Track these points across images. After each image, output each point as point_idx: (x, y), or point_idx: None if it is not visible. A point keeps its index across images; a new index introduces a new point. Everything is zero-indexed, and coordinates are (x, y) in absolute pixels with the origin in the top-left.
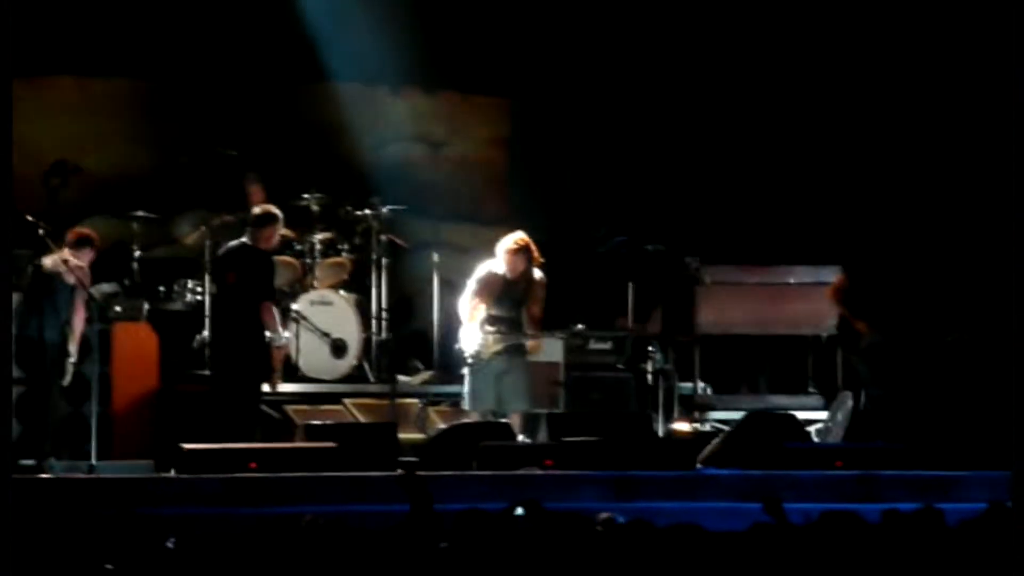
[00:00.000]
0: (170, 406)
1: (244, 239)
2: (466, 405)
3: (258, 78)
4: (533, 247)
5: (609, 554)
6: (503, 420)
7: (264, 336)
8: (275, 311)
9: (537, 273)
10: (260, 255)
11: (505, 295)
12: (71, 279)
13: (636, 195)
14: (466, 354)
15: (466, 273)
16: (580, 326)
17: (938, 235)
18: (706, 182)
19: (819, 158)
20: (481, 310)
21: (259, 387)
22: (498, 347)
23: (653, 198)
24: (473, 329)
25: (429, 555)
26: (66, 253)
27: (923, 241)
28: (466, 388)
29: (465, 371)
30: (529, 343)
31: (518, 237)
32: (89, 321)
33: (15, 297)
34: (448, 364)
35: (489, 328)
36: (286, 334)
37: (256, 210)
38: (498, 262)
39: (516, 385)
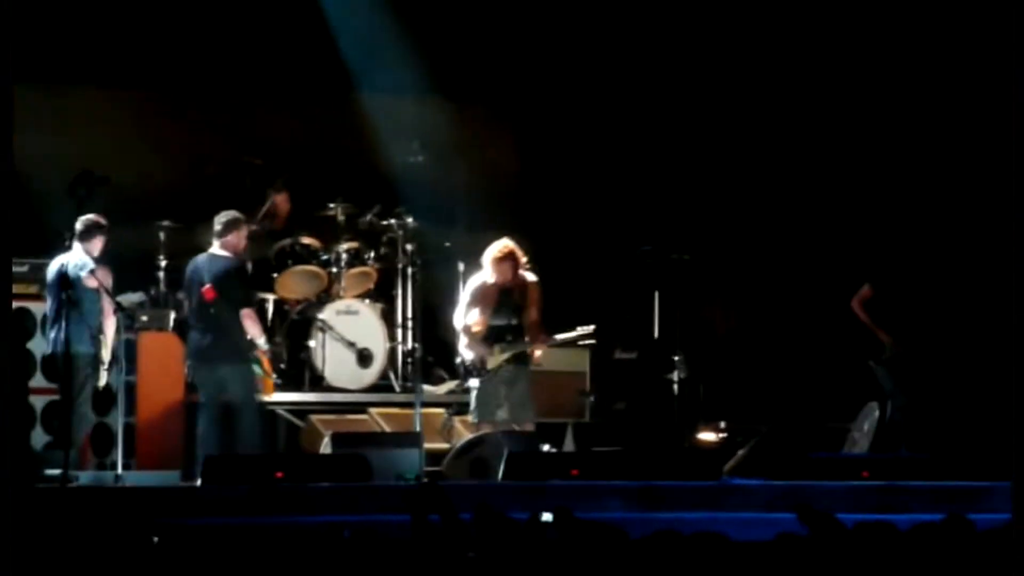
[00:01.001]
0: (196, 416)
1: (212, 250)
2: (473, 418)
3: (284, 88)
4: (519, 252)
5: (636, 563)
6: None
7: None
8: (256, 317)
9: (530, 277)
10: (231, 263)
11: (501, 304)
12: (93, 284)
13: (657, 204)
14: (469, 366)
15: None
16: (590, 327)
17: (962, 244)
18: (729, 192)
19: (844, 169)
20: (479, 322)
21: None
22: (504, 356)
23: (674, 207)
24: (474, 341)
25: (456, 564)
26: (77, 249)
27: (947, 251)
28: (473, 400)
29: (472, 383)
30: (535, 351)
31: (503, 244)
32: (117, 330)
33: (41, 307)
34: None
35: (492, 339)
36: (267, 345)
37: (220, 217)
38: (488, 272)
39: (524, 395)
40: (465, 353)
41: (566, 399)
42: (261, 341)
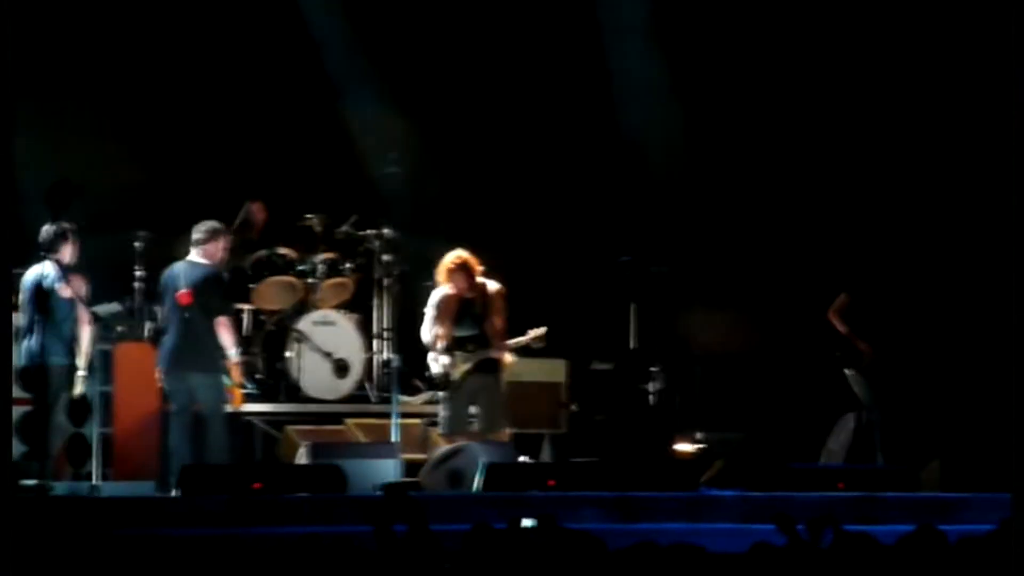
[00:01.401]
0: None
1: (190, 257)
2: (443, 430)
3: (263, 98)
4: (473, 262)
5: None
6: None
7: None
8: (231, 327)
9: (492, 285)
10: (209, 270)
11: (463, 314)
12: (67, 294)
13: (640, 216)
14: (436, 379)
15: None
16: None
17: (940, 253)
18: (710, 204)
19: (820, 178)
20: (443, 335)
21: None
22: (467, 366)
23: (656, 219)
24: (438, 353)
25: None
26: (47, 265)
27: (925, 260)
28: (442, 413)
29: (440, 395)
30: (502, 357)
31: (455, 255)
32: (92, 340)
33: (16, 317)
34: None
35: (455, 350)
36: (240, 356)
37: (200, 226)
38: (447, 283)
39: (494, 404)
40: (432, 366)
41: (543, 410)
42: (233, 352)
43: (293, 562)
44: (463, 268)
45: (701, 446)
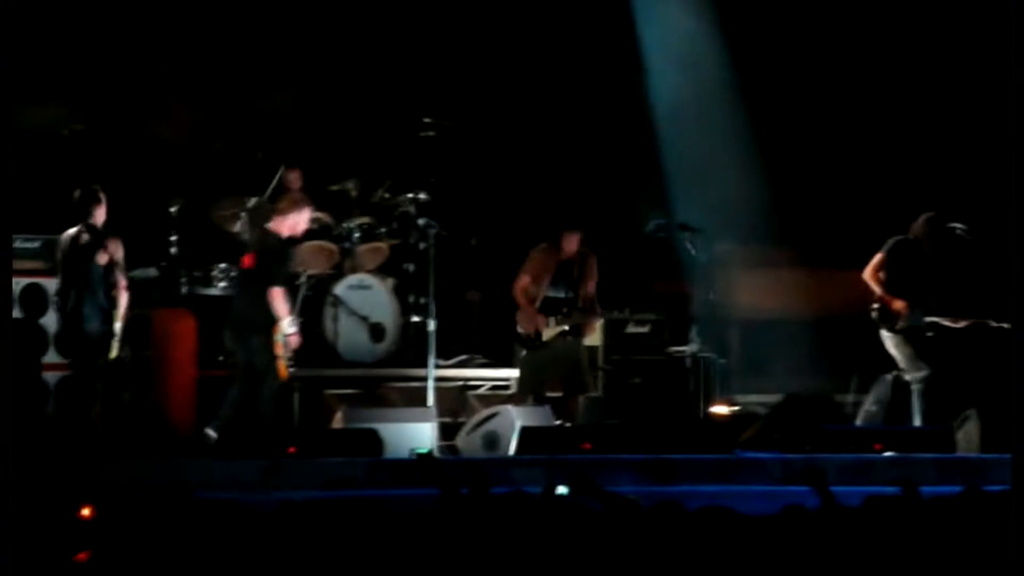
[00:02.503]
0: (208, 391)
1: (267, 224)
2: (517, 389)
3: (294, 64)
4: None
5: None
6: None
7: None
8: (284, 297)
9: (586, 249)
10: (275, 239)
11: (560, 276)
12: (103, 260)
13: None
14: (523, 337)
15: (506, 256)
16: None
17: (978, 215)
18: (746, 163)
19: (853, 136)
20: (537, 294)
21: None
22: (560, 328)
23: (687, 181)
24: (530, 312)
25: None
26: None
27: (962, 220)
28: (521, 371)
29: (523, 353)
30: (590, 324)
31: (571, 227)
32: (129, 305)
33: (53, 282)
34: (488, 348)
35: (545, 311)
36: (291, 328)
37: (286, 196)
38: (555, 242)
39: (577, 367)
40: (521, 323)
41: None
42: (285, 323)
43: (329, 526)
44: (581, 244)
45: (737, 408)
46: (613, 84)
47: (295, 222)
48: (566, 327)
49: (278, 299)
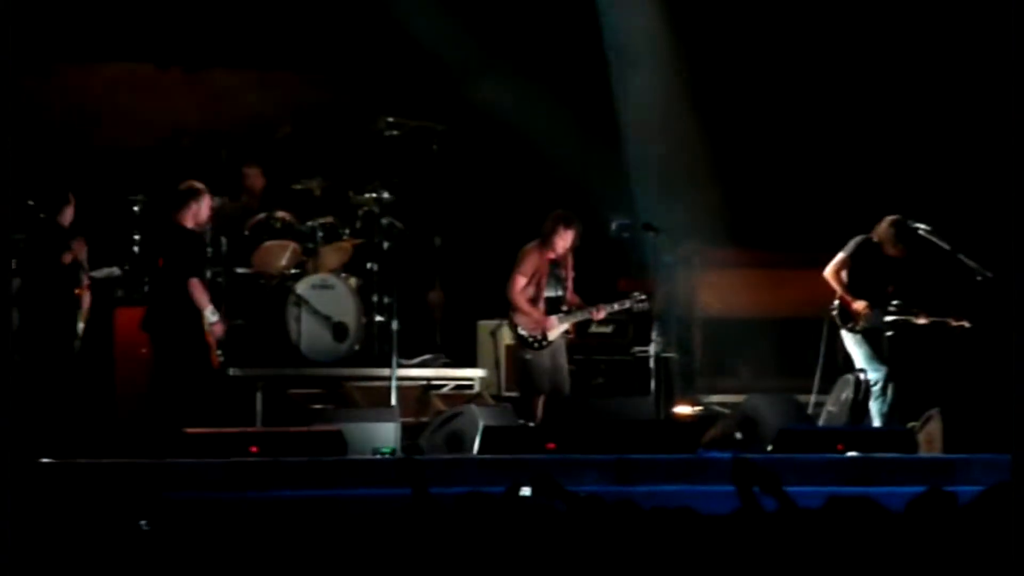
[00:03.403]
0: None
1: (171, 219)
2: (523, 392)
3: (259, 61)
4: None
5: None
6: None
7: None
8: (202, 288)
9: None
10: (181, 231)
11: (551, 275)
12: (67, 260)
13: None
14: (529, 338)
15: (468, 256)
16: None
17: (940, 215)
18: (709, 164)
19: (817, 138)
20: (537, 294)
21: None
22: (564, 327)
23: (655, 181)
24: (533, 313)
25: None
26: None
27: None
28: (522, 373)
29: (527, 355)
30: (595, 318)
31: (569, 215)
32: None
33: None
34: (450, 348)
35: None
36: (214, 317)
37: (181, 186)
38: (549, 241)
39: (565, 363)
40: (523, 326)
41: None
42: (207, 312)
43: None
44: (577, 226)
45: (700, 409)
46: (578, 83)
47: (196, 210)
48: (568, 324)
49: (196, 290)
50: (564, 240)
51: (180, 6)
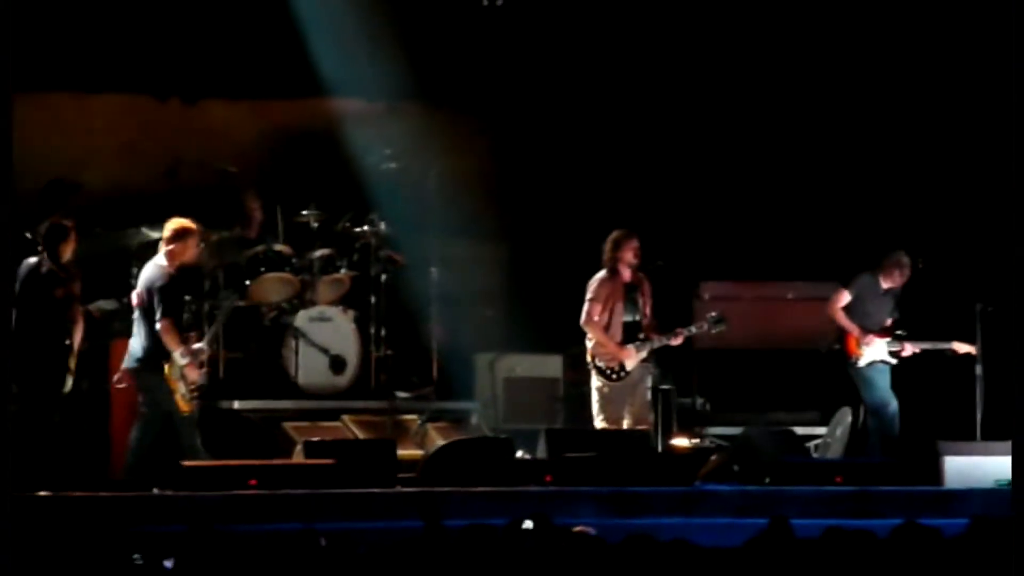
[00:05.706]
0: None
1: (155, 258)
2: (600, 422)
3: (258, 94)
4: None
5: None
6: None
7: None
8: (174, 330)
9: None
10: (161, 272)
11: (628, 299)
12: (60, 294)
13: (633, 209)
14: (606, 369)
15: (464, 288)
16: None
17: (936, 249)
18: (705, 197)
19: (816, 172)
20: (614, 322)
21: None
22: (642, 354)
23: (651, 213)
24: (609, 342)
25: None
26: (44, 257)
27: (922, 255)
28: (600, 403)
29: (605, 387)
30: (672, 344)
31: (632, 234)
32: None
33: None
34: (447, 380)
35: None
36: (184, 359)
37: (169, 224)
38: (613, 262)
39: (646, 393)
40: (600, 358)
41: (539, 405)
42: (177, 355)
43: (289, 559)
44: (639, 248)
45: (698, 441)
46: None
47: (181, 250)
48: (646, 352)
49: (167, 332)
50: (628, 253)
51: (178, 37)
